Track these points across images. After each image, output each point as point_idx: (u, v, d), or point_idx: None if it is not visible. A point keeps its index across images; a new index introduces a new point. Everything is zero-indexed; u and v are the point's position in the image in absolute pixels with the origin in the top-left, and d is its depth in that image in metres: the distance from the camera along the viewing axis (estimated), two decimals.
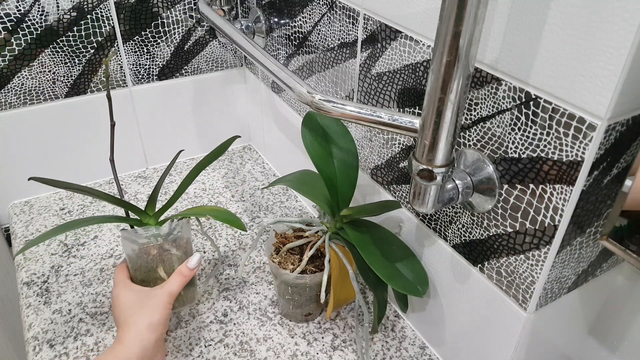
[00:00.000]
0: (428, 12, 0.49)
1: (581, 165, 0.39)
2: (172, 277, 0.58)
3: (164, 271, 0.60)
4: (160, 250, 0.59)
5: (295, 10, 0.72)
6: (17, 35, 0.76)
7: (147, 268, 0.59)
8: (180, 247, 0.61)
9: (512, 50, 0.42)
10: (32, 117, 0.83)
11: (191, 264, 0.59)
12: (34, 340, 0.65)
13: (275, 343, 0.66)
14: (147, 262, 0.59)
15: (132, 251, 0.59)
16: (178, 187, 0.65)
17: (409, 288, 0.56)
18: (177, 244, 0.60)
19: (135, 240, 0.59)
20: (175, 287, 0.57)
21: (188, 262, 0.59)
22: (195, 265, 0.59)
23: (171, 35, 0.88)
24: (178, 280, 0.57)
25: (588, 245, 0.47)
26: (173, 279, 0.58)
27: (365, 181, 0.69)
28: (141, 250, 0.59)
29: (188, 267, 0.59)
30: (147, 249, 0.59)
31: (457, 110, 0.39)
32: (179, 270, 0.58)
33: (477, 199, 0.49)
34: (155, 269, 0.60)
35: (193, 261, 0.59)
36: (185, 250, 0.61)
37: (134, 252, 0.59)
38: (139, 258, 0.59)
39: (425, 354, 0.65)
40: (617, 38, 0.34)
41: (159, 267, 0.60)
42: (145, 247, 0.59)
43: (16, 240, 0.81)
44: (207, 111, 1.00)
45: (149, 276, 0.60)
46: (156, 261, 0.59)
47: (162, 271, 0.60)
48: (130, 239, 0.59)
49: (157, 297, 0.56)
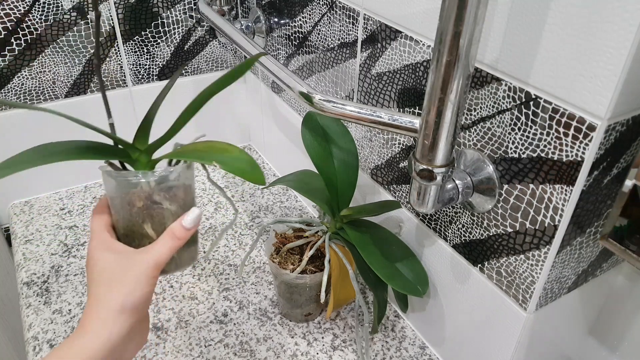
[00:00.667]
0: (428, 12, 0.49)
1: (581, 165, 0.39)
2: (161, 240, 0.44)
3: (152, 229, 0.46)
4: (148, 202, 0.45)
5: (295, 10, 0.72)
6: (17, 35, 0.76)
7: (130, 222, 0.46)
8: (175, 199, 0.46)
9: (512, 50, 0.42)
10: (32, 117, 0.83)
11: (187, 222, 0.45)
12: (34, 340, 0.65)
13: (275, 343, 0.66)
14: (130, 214, 0.45)
15: (114, 192, 0.46)
16: (181, 114, 0.48)
17: (409, 288, 0.56)
18: (171, 195, 0.46)
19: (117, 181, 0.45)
20: (164, 253, 0.44)
21: (183, 219, 0.45)
22: (193, 225, 0.46)
23: (171, 35, 0.88)
24: (168, 245, 0.44)
25: (588, 245, 0.47)
26: (162, 243, 0.44)
27: (365, 181, 0.69)
28: (123, 199, 0.45)
29: (183, 225, 0.45)
30: (131, 198, 0.45)
31: (457, 110, 0.39)
32: (170, 231, 0.45)
33: (477, 199, 0.49)
34: (142, 224, 0.46)
35: (189, 218, 0.45)
36: (183, 204, 0.47)
37: (118, 195, 0.46)
38: (121, 206, 0.46)
39: (425, 354, 0.65)
40: (617, 38, 0.34)
41: (145, 223, 0.46)
42: (128, 194, 0.45)
43: (16, 241, 0.81)
44: (207, 111, 0.99)
45: (132, 232, 0.46)
46: (142, 215, 0.45)
47: (149, 228, 0.46)
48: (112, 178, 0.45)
49: (138, 266, 0.43)
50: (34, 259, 0.77)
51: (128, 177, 0.44)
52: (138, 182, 0.44)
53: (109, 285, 0.42)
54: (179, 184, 0.46)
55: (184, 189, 0.47)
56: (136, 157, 0.47)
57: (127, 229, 0.46)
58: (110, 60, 0.85)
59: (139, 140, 0.47)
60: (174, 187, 0.46)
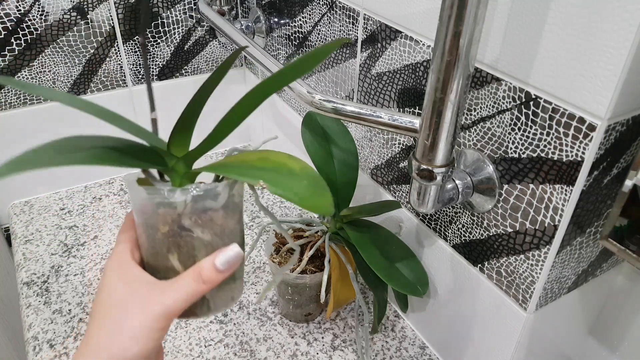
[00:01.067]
0: (428, 12, 0.49)
1: (581, 165, 0.39)
2: (182, 281, 0.35)
3: (179, 261, 0.36)
4: (175, 228, 0.35)
5: (295, 10, 0.72)
6: (17, 35, 0.76)
7: (154, 250, 0.36)
8: (210, 226, 0.36)
9: (512, 50, 0.42)
10: (32, 117, 0.83)
11: (220, 262, 0.35)
12: (34, 340, 0.65)
13: (275, 343, 0.66)
14: (153, 240, 0.36)
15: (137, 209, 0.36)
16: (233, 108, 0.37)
17: (409, 288, 0.56)
18: (205, 220, 0.35)
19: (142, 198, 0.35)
20: (181, 300, 0.34)
21: (217, 257, 0.35)
22: (227, 267, 0.35)
23: (171, 35, 0.88)
24: (190, 288, 0.34)
25: (588, 245, 0.47)
26: (181, 285, 0.34)
27: (365, 181, 0.69)
28: (147, 220, 0.36)
29: (215, 266, 0.35)
30: (155, 221, 0.35)
31: (457, 110, 0.39)
32: (196, 270, 0.35)
33: (477, 199, 0.49)
34: (167, 255, 0.36)
35: (224, 258, 0.35)
36: (220, 233, 0.36)
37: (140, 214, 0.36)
38: (144, 229, 0.37)
39: (425, 354, 0.65)
40: (617, 38, 0.34)
41: (171, 253, 0.36)
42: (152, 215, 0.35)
43: (16, 240, 0.81)
44: (206, 111, 0.99)
45: (156, 261, 0.37)
46: (167, 244, 0.36)
47: (175, 261, 0.36)
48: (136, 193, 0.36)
49: (144, 313, 0.34)
50: (34, 259, 0.77)
51: (152, 193, 0.34)
52: (163, 200, 0.34)
53: (104, 328, 0.34)
54: (217, 205, 0.35)
55: (224, 212, 0.36)
56: (172, 165, 0.36)
57: (151, 257, 0.37)
58: (110, 60, 0.85)
59: (176, 145, 0.36)
60: (209, 210, 0.35)
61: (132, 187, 0.36)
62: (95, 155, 0.33)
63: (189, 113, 0.36)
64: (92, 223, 0.84)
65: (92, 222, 0.84)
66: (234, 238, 0.37)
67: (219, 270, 0.35)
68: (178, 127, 0.36)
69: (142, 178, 0.37)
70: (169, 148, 0.36)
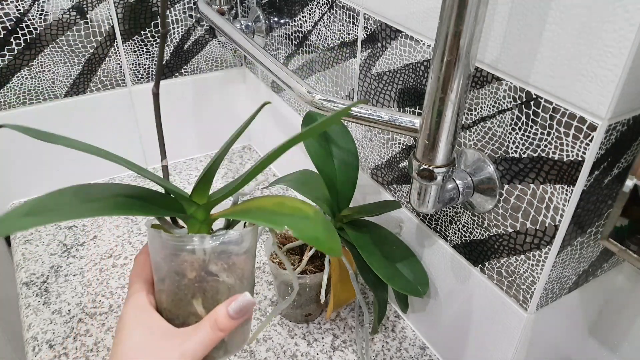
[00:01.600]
0: (428, 11, 0.49)
1: (582, 165, 0.39)
2: (199, 331, 0.36)
3: (203, 306, 0.37)
4: (202, 273, 0.37)
5: (295, 9, 0.72)
6: (16, 34, 0.76)
7: (177, 296, 0.37)
8: (233, 270, 0.38)
9: (512, 49, 0.41)
10: (32, 117, 0.83)
11: (234, 310, 0.36)
12: (33, 340, 0.65)
13: (275, 343, 0.66)
14: (178, 287, 0.37)
15: (161, 256, 0.37)
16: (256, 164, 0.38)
17: (409, 288, 0.56)
18: (230, 265, 0.38)
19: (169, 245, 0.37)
20: (199, 349, 0.35)
21: (229, 305, 0.36)
22: (241, 315, 0.36)
23: (171, 35, 0.88)
24: (207, 337, 0.35)
25: (589, 245, 0.47)
26: (200, 335, 0.35)
27: (366, 181, 0.69)
28: (172, 267, 0.37)
29: (229, 314, 0.36)
30: (182, 267, 0.36)
31: (458, 110, 0.39)
32: (212, 319, 0.36)
33: (477, 199, 0.49)
34: (190, 300, 0.37)
35: (237, 306, 0.36)
36: (241, 276, 0.38)
37: (165, 261, 0.37)
38: (168, 275, 0.37)
39: (426, 354, 0.65)
40: (617, 38, 0.34)
41: (195, 298, 0.37)
42: (178, 262, 0.37)
43: (15, 241, 0.81)
44: (206, 111, 0.99)
45: (178, 307, 0.38)
46: (193, 289, 0.37)
47: (199, 305, 0.37)
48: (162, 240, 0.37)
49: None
50: (33, 259, 0.77)
51: (183, 241, 0.36)
52: (194, 247, 0.35)
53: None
54: (240, 250, 0.37)
55: (245, 257, 0.38)
56: (192, 212, 0.38)
57: (172, 303, 0.38)
58: (109, 60, 0.84)
59: (199, 193, 0.38)
60: (233, 255, 0.37)
61: (157, 236, 0.37)
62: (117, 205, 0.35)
63: (214, 167, 0.39)
64: (91, 223, 0.84)
65: (91, 222, 0.84)
66: (251, 282, 0.40)
67: (232, 318, 0.36)
68: (202, 179, 0.38)
69: (156, 223, 0.39)
70: (192, 196, 0.39)
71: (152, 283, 0.39)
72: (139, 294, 0.38)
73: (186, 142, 1.01)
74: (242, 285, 0.38)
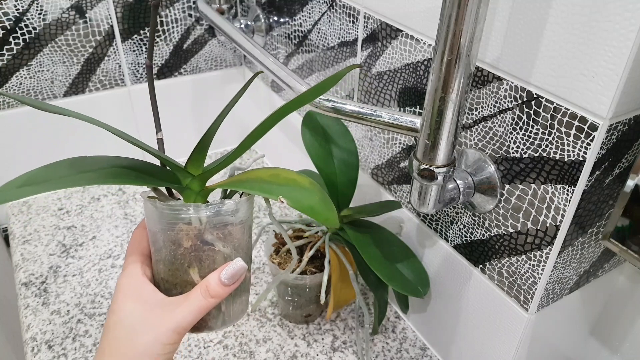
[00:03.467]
0: (429, 10, 0.49)
1: (583, 165, 0.39)
2: (190, 297, 0.36)
3: (199, 275, 0.38)
4: (198, 242, 0.37)
5: (295, 8, 0.72)
6: (15, 34, 0.76)
7: (174, 265, 0.38)
8: (230, 240, 0.38)
9: (513, 49, 0.41)
10: (31, 116, 0.83)
11: (226, 276, 0.36)
12: (32, 341, 0.65)
13: (275, 344, 0.65)
14: (174, 256, 0.37)
15: (157, 226, 0.38)
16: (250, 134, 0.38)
17: (410, 289, 0.56)
18: (226, 234, 0.38)
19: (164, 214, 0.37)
20: (190, 316, 0.36)
21: (221, 271, 0.37)
22: (233, 281, 0.37)
23: (170, 34, 0.87)
24: (198, 304, 0.36)
25: (590, 245, 0.46)
26: (190, 302, 0.36)
27: (366, 181, 0.68)
28: (168, 236, 0.37)
29: (221, 281, 0.36)
30: (177, 236, 0.37)
31: (458, 109, 0.39)
32: (204, 286, 0.36)
33: (478, 199, 0.49)
34: (187, 269, 0.38)
35: (229, 272, 0.36)
36: (237, 246, 0.39)
37: (161, 231, 0.38)
38: (164, 245, 0.38)
39: (426, 355, 0.65)
40: (618, 37, 0.34)
41: (192, 267, 0.38)
42: (174, 231, 0.37)
43: (14, 241, 0.81)
44: (206, 110, 0.99)
45: (174, 277, 0.38)
46: (189, 258, 0.37)
47: (195, 275, 0.38)
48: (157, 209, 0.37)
49: (154, 331, 0.35)
50: (32, 260, 0.77)
51: (179, 210, 0.36)
52: (189, 217, 0.36)
53: (117, 343, 0.35)
54: (235, 220, 0.38)
55: (240, 227, 0.39)
56: (187, 183, 0.39)
57: (169, 273, 0.38)
58: (108, 59, 0.84)
59: (193, 164, 0.39)
60: (229, 225, 0.38)
61: (152, 205, 0.37)
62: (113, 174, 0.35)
63: (208, 137, 0.38)
64: (90, 223, 0.84)
65: (90, 223, 0.84)
66: (248, 252, 0.40)
67: (225, 284, 0.36)
68: (197, 149, 0.38)
69: (152, 195, 0.39)
70: (186, 167, 0.39)
71: (148, 256, 0.40)
72: (134, 266, 0.38)
73: (186, 141, 1.00)
74: (239, 255, 0.38)
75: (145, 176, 0.37)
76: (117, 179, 0.35)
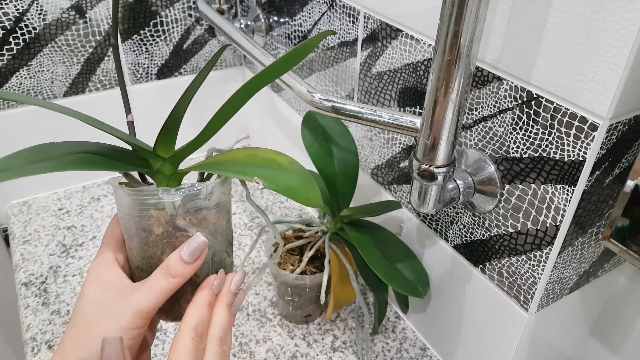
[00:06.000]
0: (429, 10, 0.49)
1: (583, 165, 0.39)
2: (151, 279, 0.35)
3: None
4: (170, 229, 0.35)
5: (295, 8, 0.72)
6: (15, 34, 0.76)
7: (147, 253, 0.36)
8: (204, 225, 0.36)
9: (513, 49, 0.41)
10: (30, 116, 0.82)
11: (186, 253, 0.34)
12: (32, 341, 0.65)
13: (275, 344, 0.65)
14: (146, 243, 0.36)
15: (126, 213, 0.36)
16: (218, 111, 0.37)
17: (410, 289, 0.56)
18: (199, 219, 0.36)
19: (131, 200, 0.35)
20: (152, 298, 0.34)
21: (182, 250, 0.34)
22: (194, 257, 0.35)
23: (170, 34, 0.87)
24: (159, 286, 0.34)
25: (590, 245, 0.46)
26: (150, 283, 0.34)
27: (366, 181, 0.68)
28: (138, 223, 0.35)
29: (182, 258, 0.34)
30: (147, 223, 0.35)
31: (458, 109, 0.39)
32: (164, 267, 0.34)
33: (478, 199, 0.49)
34: (160, 256, 0.36)
35: (189, 248, 0.34)
36: (214, 230, 0.37)
37: (130, 217, 0.36)
38: (135, 232, 0.36)
39: (426, 355, 0.65)
40: (618, 37, 0.34)
41: (165, 255, 0.36)
42: (144, 218, 0.35)
43: (14, 241, 0.81)
44: (206, 110, 0.99)
45: (149, 265, 0.37)
46: (161, 245, 0.36)
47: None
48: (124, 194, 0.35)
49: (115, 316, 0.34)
50: (32, 260, 0.77)
51: (145, 195, 0.34)
52: (158, 202, 0.34)
53: (75, 332, 0.34)
54: (209, 204, 0.36)
55: (216, 211, 0.36)
56: (158, 167, 0.37)
57: (143, 261, 0.37)
58: (108, 59, 0.84)
59: (162, 146, 0.36)
60: (203, 209, 0.36)
61: (120, 191, 0.35)
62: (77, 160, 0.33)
63: (176, 115, 0.36)
64: (90, 223, 0.84)
65: (90, 223, 0.84)
66: (226, 237, 0.38)
67: (186, 262, 0.34)
68: (164, 129, 0.36)
69: (124, 182, 0.37)
70: (155, 150, 0.36)
71: (122, 243, 0.38)
72: (106, 254, 0.37)
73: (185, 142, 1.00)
74: (216, 241, 0.37)
75: (114, 162, 0.35)
76: (81, 165, 0.33)
